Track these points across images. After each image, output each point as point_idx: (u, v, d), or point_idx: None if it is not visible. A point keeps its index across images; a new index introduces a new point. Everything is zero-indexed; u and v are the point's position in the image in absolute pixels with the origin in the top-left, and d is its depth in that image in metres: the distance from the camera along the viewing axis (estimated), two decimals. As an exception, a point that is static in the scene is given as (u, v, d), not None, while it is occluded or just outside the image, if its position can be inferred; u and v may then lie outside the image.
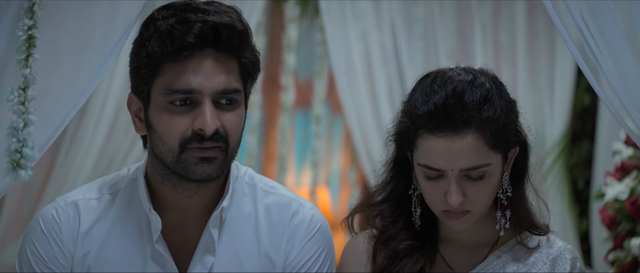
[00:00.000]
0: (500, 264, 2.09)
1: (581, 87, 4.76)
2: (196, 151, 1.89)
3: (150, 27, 1.90)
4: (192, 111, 1.89)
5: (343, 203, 5.24)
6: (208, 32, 1.86)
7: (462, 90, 1.97)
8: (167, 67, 1.88)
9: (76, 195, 2.03)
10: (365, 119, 4.73)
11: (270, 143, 5.12)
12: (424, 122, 1.97)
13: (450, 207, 1.99)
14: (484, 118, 1.96)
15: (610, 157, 3.93)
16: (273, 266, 2.00)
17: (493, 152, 1.99)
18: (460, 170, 1.97)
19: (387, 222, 2.12)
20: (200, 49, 1.87)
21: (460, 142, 1.95)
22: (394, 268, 2.07)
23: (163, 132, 1.90)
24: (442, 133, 1.96)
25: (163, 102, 1.89)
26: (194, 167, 1.90)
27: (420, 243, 2.09)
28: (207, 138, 1.88)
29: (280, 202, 2.05)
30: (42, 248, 1.98)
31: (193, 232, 2.00)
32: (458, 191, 1.97)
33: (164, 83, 1.89)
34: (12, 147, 1.81)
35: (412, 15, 4.74)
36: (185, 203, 1.99)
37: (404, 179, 2.11)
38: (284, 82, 4.85)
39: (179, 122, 1.89)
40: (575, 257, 2.11)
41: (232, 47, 1.90)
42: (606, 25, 1.90)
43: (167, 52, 1.86)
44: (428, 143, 1.97)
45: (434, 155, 1.97)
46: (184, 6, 1.90)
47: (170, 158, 1.91)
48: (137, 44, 1.92)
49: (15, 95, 1.82)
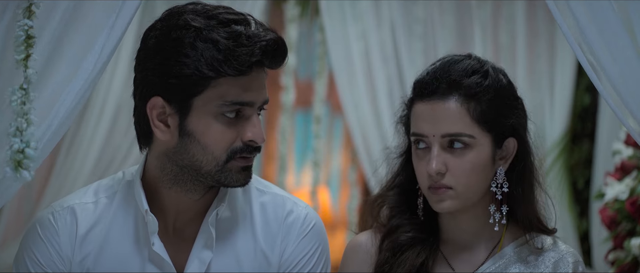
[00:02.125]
0: (502, 266, 2.09)
1: (581, 87, 4.77)
2: (241, 160, 1.94)
3: (195, 37, 1.88)
4: (240, 122, 1.93)
5: (343, 203, 5.24)
6: (269, 52, 1.90)
7: (455, 61, 2.06)
8: (224, 81, 1.89)
9: (72, 199, 2.03)
10: (365, 119, 4.73)
11: (271, 143, 5.12)
12: (416, 91, 2.06)
13: (430, 182, 2.02)
14: (467, 85, 2.02)
15: (610, 157, 3.94)
16: (269, 264, 2.02)
17: (478, 127, 2.02)
18: (441, 136, 2.01)
19: (393, 212, 2.13)
20: (259, 65, 1.91)
21: (443, 105, 2.02)
22: (396, 261, 2.08)
23: (210, 141, 1.92)
24: (428, 98, 2.03)
25: (215, 112, 1.91)
26: (237, 175, 1.95)
27: (422, 236, 2.10)
28: (254, 147, 1.94)
29: (274, 201, 2.06)
30: (40, 253, 1.98)
31: (190, 231, 2.01)
32: (438, 158, 2.01)
33: (219, 95, 1.90)
34: (15, 147, 1.80)
35: (412, 15, 4.74)
36: (186, 205, 1.99)
37: (408, 170, 2.13)
38: (284, 82, 4.85)
39: (229, 133, 1.92)
40: (578, 260, 2.11)
41: (283, 63, 1.96)
42: (607, 23, 1.91)
43: (229, 68, 1.88)
44: (416, 110, 2.05)
45: (420, 121, 2.04)
46: (216, 16, 1.90)
47: (212, 166, 1.93)
48: (175, 52, 1.89)
49: (18, 95, 1.82)
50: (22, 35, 1.82)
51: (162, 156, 1.97)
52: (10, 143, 1.81)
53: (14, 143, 1.80)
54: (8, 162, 1.81)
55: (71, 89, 1.89)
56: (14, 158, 1.80)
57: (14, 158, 1.80)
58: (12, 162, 1.80)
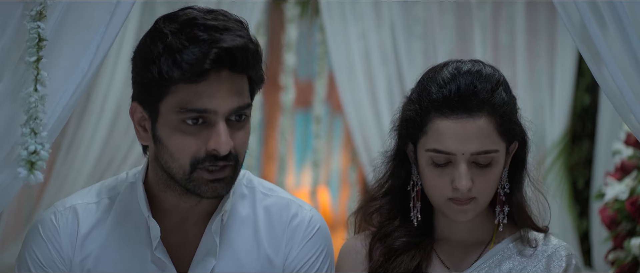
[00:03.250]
0: (496, 262, 2.09)
1: (581, 87, 4.76)
2: (206, 173, 1.90)
3: (159, 43, 1.87)
4: (204, 130, 1.88)
5: (343, 204, 5.24)
6: (224, 56, 1.85)
7: (477, 75, 2.01)
8: (181, 87, 1.86)
9: (74, 199, 2.03)
10: (365, 119, 4.73)
11: (270, 143, 5.12)
12: (438, 105, 2.00)
13: (456, 195, 2.01)
14: (495, 103, 2.00)
15: (610, 157, 3.94)
16: (273, 267, 2.01)
17: (500, 139, 2.01)
18: (470, 154, 1.99)
19: (384, 219, 2.13)
20: (217, 71, 1.87)
21: (473, 124, 1.98)
22: (390, 265, 2.08)
23: (174, 149, 1.89)
24: (456, 116, 1.99)
25: (175, 119, 1.88)
26: (204, 186, 1.91)
27: (416, 241, 2.10)
28: (220, 158, 1.89)
29: (279, 204, 2.05)
30: (41, 253, 1.98)
31: (192, 235, 2.00)
32: (467, 175, 1.99)
33: (177, 101, 1.87)
34: (31, 148, 1.81)
35: (412, 16, 4.74)
36: (185, 209, 1.99)
37: (402, 174, 2.11)
38: (284, 82, 4.85)
39: (191, 142, 1.88)
40: (570, 253, 2.11)
41: (247, 68, 1.90)
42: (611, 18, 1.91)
43: (182, 75, 1.85)
44: (440, 126, 2.00)
45: (445, 138, 1.99)
46: (189, 21, 1.88)
47: (181, 175, 1.91)
48: (144, 57, 1.89)
49: (36, 98, 1.82)
50: (35, 37, 1.82)
51: (152, 161, 1.97)
52: (26, 145, 1.81)
53: (30, 144, 1.81)
54: (21, 162, 1.81)
55: (67, 88, 1.89)
56: (29, 160, 1.81)
57: (29, 160, 1.81)
58: (27, 163, 1.81)
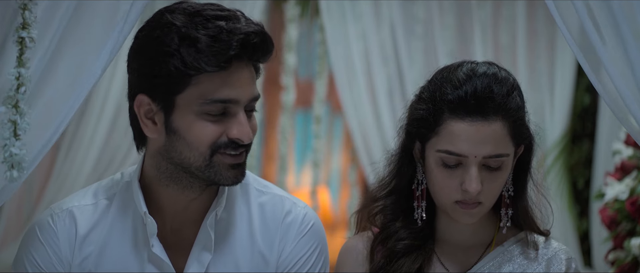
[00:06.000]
0: (496, 264, 2.09)
1: (581, 87, 4.77)
2: (228, 157, 1.91)
3: (173, 35, 1.87)
4: (224, 118, 1.90)
5: (343, 203, 5.25)
6: (247, 43, 1.87)
7: (494, 78, 2.02)
8: (204, 78, 1.87)
9: (71, 201, 2.03)
10: (365, 119, 4.73)
11: (271, 143, 5.12)
12: (453, 107, 1.99)
13: (464, 197, 2.01)
14: (510, 107, 2.00)
15: (610, 157, 3.94)
16: (267, 264, 2.01)
17: (511, 143, 2.01)
18: (483, 157, 1.98)
19: (387, 220, 2.12)
20: (238, 59, 1.88)
21: (488, 128, 1.98)
22: (391, 267, 2.08)
23: (193, 139, 1.90)
24: (471, 118, 1.98)
25: (197, 110, 1.89)
26: (226, 172, 1.92)
27: (418, 243, 2.09)
28: (240, 145, 1.91)
29: (273, 201, 2.06)
30: (39, 256, 1.98)
31: (188, 232, 2.00)
32: (478, 178, 1.99)
33: (200, 93, 1.88)
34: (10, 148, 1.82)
35: (412, 15, 4.75)
36: (184, 204, 1.99)
37: (408, 173, 2.11)
38: (284, 82, 4.85)
39: (213, 130, 1.90)
40: (570, 257, 2.11)
41: (266, 53, 1.93)
42: (609, 20, 1.91)
43: (207, 64, 1.86)
44: (454, 128, 1.99)
45: (458, 140, 1.99)
46: (197, 12, 1.89)
47: (200, 162, 1.92)
48: (158, 51, 1.89)
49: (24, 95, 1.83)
50: (25, 35, 1.83)
51: (156, 155, 1.97)
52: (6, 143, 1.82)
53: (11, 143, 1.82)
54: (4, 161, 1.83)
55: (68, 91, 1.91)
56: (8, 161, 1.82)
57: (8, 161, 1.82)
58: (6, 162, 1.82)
